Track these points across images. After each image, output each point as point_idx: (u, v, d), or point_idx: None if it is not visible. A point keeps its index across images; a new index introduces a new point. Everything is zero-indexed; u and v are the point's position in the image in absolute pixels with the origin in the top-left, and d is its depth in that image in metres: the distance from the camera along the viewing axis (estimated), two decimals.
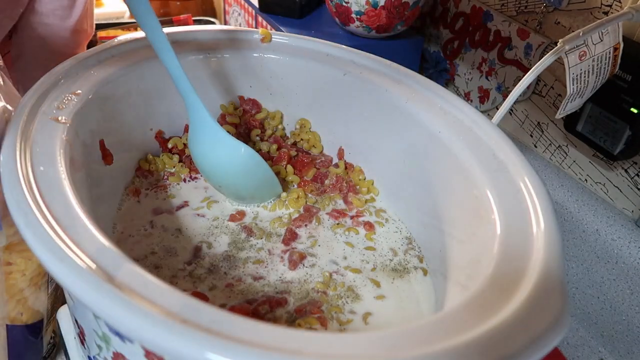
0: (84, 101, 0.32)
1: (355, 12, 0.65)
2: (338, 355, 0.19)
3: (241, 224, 0.38)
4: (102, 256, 0.21)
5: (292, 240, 0.37)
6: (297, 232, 0.38)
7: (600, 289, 0.49)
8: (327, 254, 0.37)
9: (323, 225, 0.39)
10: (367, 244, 0.38)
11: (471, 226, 0.30)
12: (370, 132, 0.41)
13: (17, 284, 0.35)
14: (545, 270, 0.23)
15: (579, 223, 0.51)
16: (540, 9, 0.56)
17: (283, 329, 0.20)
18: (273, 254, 0.36)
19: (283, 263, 0.35)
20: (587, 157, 0.53)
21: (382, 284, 0.35)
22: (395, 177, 0.40)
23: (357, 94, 0.41)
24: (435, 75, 0.75)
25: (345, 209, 0.41)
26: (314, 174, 0.43)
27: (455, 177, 0.33)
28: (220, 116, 0.45)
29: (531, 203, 0.28)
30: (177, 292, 0.20)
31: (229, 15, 0.97)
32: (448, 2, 0.70)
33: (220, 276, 0.34)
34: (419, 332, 0.20)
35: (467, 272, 0.29)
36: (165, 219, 0.37)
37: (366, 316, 0.32)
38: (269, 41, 0.43)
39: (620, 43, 0.43)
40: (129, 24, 0.98)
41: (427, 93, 0.38)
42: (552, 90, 0.56)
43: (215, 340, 0.18)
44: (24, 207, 0.23)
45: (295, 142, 0.46)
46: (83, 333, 0.27)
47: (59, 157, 0.27)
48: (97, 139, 0.35)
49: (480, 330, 0.20)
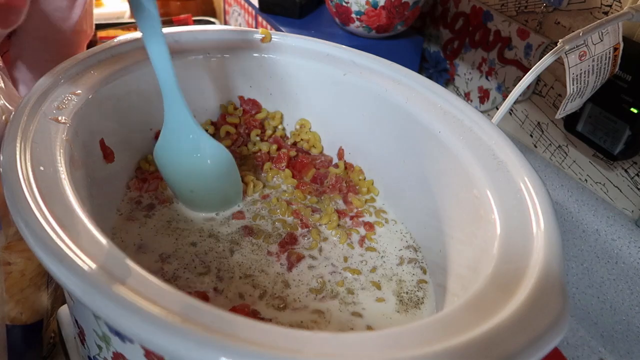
0: (84, 101, 0.32)
1: (355, 12, 0.65)
2: (338, 355, 0.19)
3: (241, 224, 0.38)
4: (102, 256, 0.21)
5: (291, 244, 0.37)
6: (296, 235, 0.38)
7: (600, 289, 0.49)
8: (326, 254, 0.37)
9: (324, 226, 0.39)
10: (367, 244, 0.38)
11: (471, 226, 0.30)
12: (370, 132, 0.41)
13: (17, 284, 0.35)
14: (545, 270, 0.23)
15: (579, 223, 0.51)
16: (540, 9, 0.56)
17: (283, 329, 0.20)
18: (272, 254, 0.36)
19: (280, 263, 0.35)
20: (587, 157, 0.53)
21: (382, 286, 0.35)
22: (395, 177, 0.40)
23: (357, 94, 0.41)
24: (435, 75, 0.75)
25: (345, 209, 0.41)
26: (313, 175, 0.43)
27: (455, 177, 0.33)
28: (220, 116, 0.45)
29: (531, 203, 0.28)
30: (177, 292, 0.20)
31: (229, 15, 0.97)
32: (448, 2, 0.70)
33: (219, 276, 0.34)
34: (419, 332, 0.20)
35: (467, 272, 0.29)
36: (165, 218, 0.37)
37: (365, 318, 0.32)
38: (269, 41, 0.43)
39: (620, 43, 0.43)
40: (129, 24, 0.98)
41: (427, 93, 0.38)
42: (552, 90, 0.56)
43: (215, 341, 0.18)
44: (24, 207, 0.23)
45: (295, 142, 0.46)
46: (83, 333, 0.27)
47: (59, 157, 0.27)
48: (97, 138, 0.35)
49: (480, 330, 0.20)
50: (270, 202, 0.40)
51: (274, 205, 0.40)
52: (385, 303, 0.34)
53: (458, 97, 0.37)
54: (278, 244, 0.37)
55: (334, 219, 0.39)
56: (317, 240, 0.37)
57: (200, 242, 0.36)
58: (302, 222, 0.39)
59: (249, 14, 0.84)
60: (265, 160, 0.44)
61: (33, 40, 0.55)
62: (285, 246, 0.36)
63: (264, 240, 0.37)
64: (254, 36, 0.43)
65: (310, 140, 0.45)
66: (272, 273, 0.34)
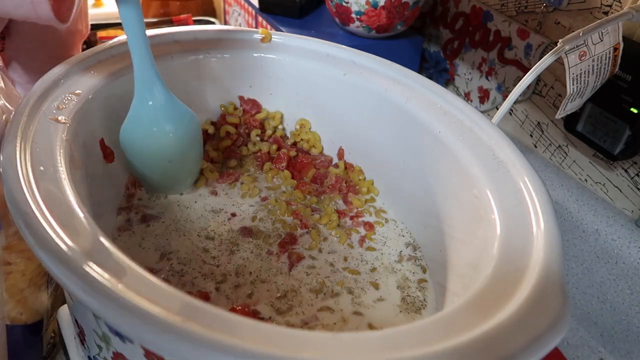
0: (84, 101, 0.32)
1: (355, 12, 0.65)
2: (338, 355, 0.19)
3: (240, 225, 0.38)
4: (102, 256, 0.21)
5: (290, 244, 0.37)
6: (296, 236, 0.38)
7: (600, 289, 0.49)
8: (326, 254, 0.37)
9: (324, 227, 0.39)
10: (367, 244, 0.38)
11: (471, 226, 0.30)
12: (370, 132, 0.41)
13: (17, 284, 0.35)
14: (545, 270, 0.23)
15: (579, 223, 0.51)
16: (540, 9, 0.56)
17: (283, 328, 0.20)
18: (271, 253, 0.36)
19: (281, 262, 0.35)
20: (587, 157, 0.53)
21: (382, 286, 0.35)
22: (395, 177, 0.40)
23: (357, 94, 0.41)
24: (435, 75, 0.75)
25: (345, 209, 0.41)
26: (313, 175, 0.43)
27: (455, 177, 0.33)
28: (220, 116, 0.45)
29: (531, 203, 0.28)
30: (177, 292, 0.20)
31: (229, 15, 0.97)
32: (448, 2, 0.70)
33: (219, 276, 0.34)
34: (419, 332, 0.20)
35: (467, 272, 0.29)
36: (165, 218, 0.37)
37: (366, 317, 0.32)
38: (269, 41, 0.43)
39: (620, 43, 0.43)
40: None
41: (427, 93, 0.38)
42: (552, 90, 0.56)
43: (215, 341, 0.18)
44: (24, 207, 0.23)
45: (295, 142, 0.46)
46: (83, 333, 0.27)
47: (59, 157, 0.27)
48: (97, 138, 0.35)
49: (480, 330, 0.20)
50: (269, 203, 0.40)
51: (273, 206, 0.40)
52: (385, 302, 0.34)
53: (458, 97, 0.37)
54: (278, 244, 0.37)
55: (334, 219, 0.39)
56: (317, 240, 0.37)
57: (200, 243, 0.36)
58: (301, 223, 0.39)
59: (249, 14, 0.84)
60: (265, 160, 0.44)
61: (28, 41, 0.55)
62: (285, 246, 0.36)
63: (263, 240, 0.37)
64: (254, 36, 0.43)
65: (310, 140, 0.45)
66: (272, 273, 0.34)
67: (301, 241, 0.37)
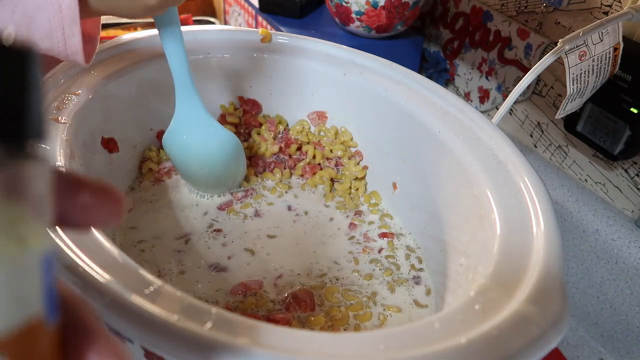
0: (84, 101, 0.32)
1: (355, 12, 0.65)
2: (338, 355, 0.19)
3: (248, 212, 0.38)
4: (102, 256, 0.21)
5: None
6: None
7: (600, 289, 0.49)
8: (329, 255, 0.37)
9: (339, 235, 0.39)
10: (367, 244, 0.38)
11: (471, 226, 0.30)
12: (370, 131, 0.41)
13: None
14: (545, 270, 0.23)
15: (579, 223, 0.51)
16: (540, 9, 0.56)
17: (283, 329, 0.20)
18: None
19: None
20: (587, 157, 0.53)
21: (381, 286, 0.35)
22: (394, 177, 0.40)
23: (357, 93, 0.41)
24: (435, 75, 0.75)
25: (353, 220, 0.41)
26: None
27: (455, 177, 0.33)
28: (220, 116, 0.45)
29: (531, 203, 0.28)
30: (178, 292, 0.20)
31: (229, 15, 0.97)
32: (448, 2, 0.70)
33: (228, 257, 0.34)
34: (419, 332, 0.20)
35: (467, 272, 0.29)
36: (165, 216, 0.37)
37: (367, 320, 0.32)
38: (269, 41, 0.43)
39: (620, 43, 0.42)
40: (129, 24, 0.98)
41: (427, 93, 0.38)
42: (552, 90, 0.56)
43: (215, 341, 0.18)
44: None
45: (295, 142, 0.46)
46: None
47: (59, 157, 0.27)
48: (98, 138, 0.35)
49: (480, 330, 0.20)
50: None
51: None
52: (384, 302, 0.34)
53: (458, 97, 0.37)
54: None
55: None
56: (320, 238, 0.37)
57: (204, 238, 0.36)
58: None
59: (249, 14, 0.84)
60: (266, 161, 0.44)
61: None
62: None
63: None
64: (254, 36, 0.43)
65: (311, 140, 0.45)
66: (274, 259, 0.34)
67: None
